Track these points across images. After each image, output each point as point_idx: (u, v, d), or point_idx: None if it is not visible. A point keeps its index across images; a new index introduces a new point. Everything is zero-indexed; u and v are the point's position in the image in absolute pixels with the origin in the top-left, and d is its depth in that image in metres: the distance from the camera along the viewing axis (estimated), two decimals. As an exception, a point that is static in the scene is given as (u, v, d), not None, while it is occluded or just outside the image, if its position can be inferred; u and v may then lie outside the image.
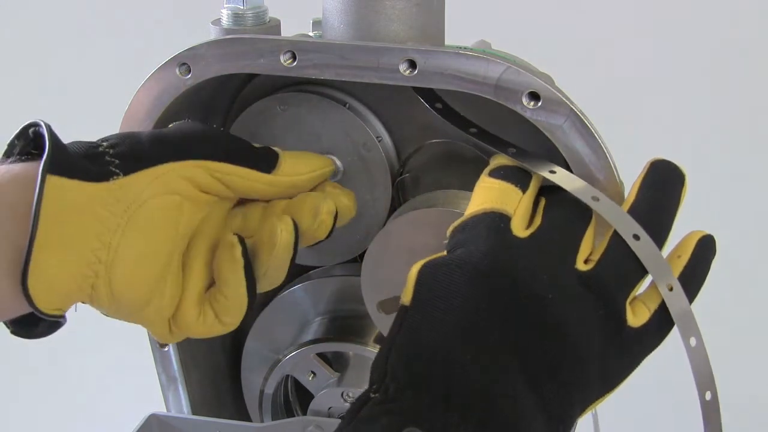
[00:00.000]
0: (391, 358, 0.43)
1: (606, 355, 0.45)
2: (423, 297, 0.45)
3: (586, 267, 0.47)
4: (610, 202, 0.48)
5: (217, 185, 0.52)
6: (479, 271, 0.45)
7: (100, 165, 0.48)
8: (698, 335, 0.47)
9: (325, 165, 0.57)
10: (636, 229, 0.47)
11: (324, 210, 0.53)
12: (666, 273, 0.47)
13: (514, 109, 0.50)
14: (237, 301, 0.51)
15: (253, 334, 0.69)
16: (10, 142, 0.49)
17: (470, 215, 0.49)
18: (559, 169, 0.50)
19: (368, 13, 0.54)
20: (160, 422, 0.65)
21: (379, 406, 0.41)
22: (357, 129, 0.59)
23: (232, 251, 0.50)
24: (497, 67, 0.50)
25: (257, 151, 0.54)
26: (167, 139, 0.51)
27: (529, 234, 0.47)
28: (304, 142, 0.60)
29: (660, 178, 0.49)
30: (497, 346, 0.43)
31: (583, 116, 0.49)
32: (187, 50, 0.54)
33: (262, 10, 0.58)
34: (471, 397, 0.41)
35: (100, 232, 0.47)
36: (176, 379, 0.65)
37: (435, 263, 0.46)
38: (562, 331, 0.44)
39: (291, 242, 0.51)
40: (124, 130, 0.57)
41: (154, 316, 0.51)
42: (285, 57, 0.53)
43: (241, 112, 0.61)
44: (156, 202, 0.49)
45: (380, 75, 0.52)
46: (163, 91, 0.55)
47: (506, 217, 0.47)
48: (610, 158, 0.50)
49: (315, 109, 0.59)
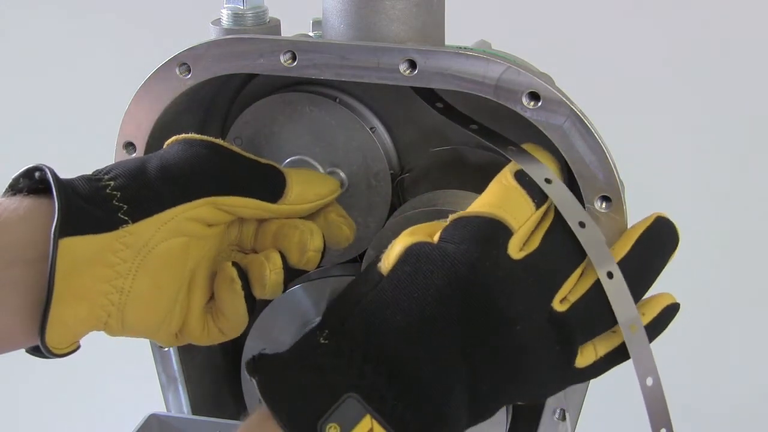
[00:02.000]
0: (353, 318, 0.45)
1: (545, 382, 0.48)
2: (401, 275, 0.46)
3: (561, 307, 0.47)
4: (595, 232, 0.48)
5: (223, 217, 0.53)
6: (463, 280, 0.45)
7: (107, 211, 0.48)
8: (655, 374, 0.48)
9: (331, 192, 0.57)
10: (613, 269, 0.47)
11: (311, 248, 0.55)
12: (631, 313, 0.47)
13: (514, 109, 0.50)
14: (238, 320, 0.54)
15: (253, 334, 0.68)
16: (14, 179, 0.49)
17: (475, 213, 0.48)
18: (555, 181, 0.49)
19: (368, 13, 0.54)
20: (160, 422, 0.65)
21: (328, 357, 0.44)
22: (376, 158, 0.59)
23: (232, 285, 0.52)
24: (497, 67, 0.50)
25: (264, 176, 0.54)
26: (175, 179, 0.51)
27: (521, 257, 0.47)
28: (318, 146, 0.60)
29: (659, 238, 0.49)
30: (453, 350, 0.45)
31: (583, 116, 0.49)
32: (187, 50, 0.54)
33: (262, 10, 0.58)
34: (414, 383, 0.43)
35: (111, 278, 0.49)
36: (176, 379, 0.65)
37: (424, 248, 0.47)
38: (518, 358, 0.46)
39: (280, 282, 0.54)
40: (124, 130, 0.57)
41: (163, 336, 0.53)
42: (285, 57, 0.53)
43: (241, 112, 0.61)
44: (165, 246, 0.50)
45: (380, 75, 0.51)
46: (163, 91, 0.55)
47: (508, 232, 0.47)
48: (610, 158, 0.50)
49: (344, 124, 0.59)
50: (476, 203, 0.49)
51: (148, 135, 0.56)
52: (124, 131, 0.57)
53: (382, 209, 0.61)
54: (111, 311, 0.49)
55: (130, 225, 0.49)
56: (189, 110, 0.59)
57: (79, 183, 0.49)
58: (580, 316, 0.47)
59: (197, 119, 0.61)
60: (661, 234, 0.49)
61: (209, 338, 0.54)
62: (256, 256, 0.54)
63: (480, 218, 0.48)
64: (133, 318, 0.50)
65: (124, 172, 0.50)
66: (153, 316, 0.51)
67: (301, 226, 0.55)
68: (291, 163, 0.61)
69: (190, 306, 0.53)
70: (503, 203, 0.48)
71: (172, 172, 0.51)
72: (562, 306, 0.47)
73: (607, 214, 0.50)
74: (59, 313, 0.47)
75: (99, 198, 0.48)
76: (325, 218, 0.57)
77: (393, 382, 0.43)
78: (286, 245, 0.54)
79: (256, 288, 0.53)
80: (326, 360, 0.44)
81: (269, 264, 0.53)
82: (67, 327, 0.48)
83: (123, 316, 0.50)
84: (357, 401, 0.42)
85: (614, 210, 0.50)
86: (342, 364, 0.43)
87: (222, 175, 0.52)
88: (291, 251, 0.54)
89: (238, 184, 0.52)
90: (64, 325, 0.47)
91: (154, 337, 0.53)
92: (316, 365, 0.44)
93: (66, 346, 0.49)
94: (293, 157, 0.61)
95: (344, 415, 0.42)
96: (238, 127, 0.61)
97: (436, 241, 0.47)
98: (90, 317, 0.49)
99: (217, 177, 0.52)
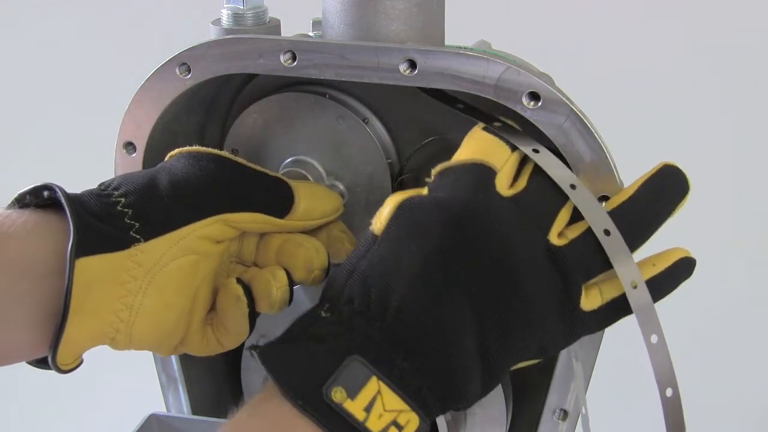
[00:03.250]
0: (351, 282, 0.44)
1: (551, 327, 0.46)
2: (396, 231, 0.46)
3: (559, 242, 0.47)
4: (586, 193, 0.48)
5: (231, 233, 0.53)
6: (458, 218, 0.45)
7: (119, 229, 0.48)
8: (660, 332, 0.47)
9: (336, 210, 0.58)
10: (608, 225, 0.47)
11: (317, 266, 0.55)
12: (632, 272, 0.47)
13: (514, 109, 0.50)
14: (239, 334, 0.54)
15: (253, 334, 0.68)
16: (21, 194, 0.49)
17: (458, 162, 0.49)
18: (542, 149, 0.50)
19: (368, 13, 0.54)
20: (160, 422, 0.65)
21: (329, 326, 0.43)
22: (377, 158, 0.60)
23: (237, 303, 0.52)
24: (497, 67, 0.50)
25: (273, 190, 0.54)
26: (186, 197, 0.51)
27: (511, 194, 0.47)
28: (319, 146, 0.60)
29: (665, 184, 0.49)
30: (457, 294, 0.44)
31: (583, 116, 0.49)
32: (187, 50, 0.54)
33: (262, 10, 0.58)
34: (421, 337, 0.42)
35: (122, 295, 0.49)
36: (176, 379, 0.66)
37: (416, 201, 0.47)
38: (520, 293, 0.45)
39: (286, 299, 0.54)
40: (124, 129, 0.57)
41: (165, 348, 0.53)
42: (285, 57, 0.53)
43: (241, 112, 0.61)
44: (176, 264, 0.50)
45: (380, 75, 0.52)
46: (163, 91, 0.55)
47: (492, 172, 0.48)
48: (610, 158, 0.50)
49: (344, 124, 0.59)
50: (457, 154, 0.50)
51: (148, 135, 0.56)
52: (124, 131, 0.57)
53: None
54: (119, 327, 0.49)
55: (141, 243, 0.49)
56: (189, 110, 0.59)
57: (88, 199, 0.49)
58: (577, 253, 0.47)
59: (197, 119, 0.62)
60: (668, 179, 0.49)
61: (208, 349, 0.54)
62: (262, 272, 0.54)
63: (463, 165, 0.49)
64: (140, 334, 0.50)
65: (133, 188, 0.50)
66: (160, 332, 0.51)
67: (306, 243, 0.55)
68: (291, 163, 0.61)
69: (191, 320, 0.53)
70: (480, 149, 0.49)
71: (183, 190, 0.51)
72: (560, 240, 0.47)
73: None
74: (71, 331, 0.47)
75: (110, 215, 0.48)
76: (328, 234, 0.57)
77: (398, 341, 0.42)
78: (292, 263, 0.54)
79: (263, 304, 0.53)
80: (328, 329, 0.43)
81: (275, 282, 0.53)
82: (76, 344, 0.48)
83: (131, 332, 0.50)
84: (362, 363, 0.41)
85: (614, 210, 0.50)
86: (344, 330, 0.43)
87: (232, 192, 0.52)
88: (297, 269, 0.54)
89: (248, 200, 0.52)
90: (73, 343, 0.48)
91: (157, 350, 0.53)
92: (318, 335, 0.43)
93: (72, 362, 0.49)
94: (293, 157, 0.61)
95: (349, 377, 0.41)
96: (239, 126, 0.61)
97: (425, 193, 0.48)
98: (99, 333, 0.49)
99: (228, 194, 0.52)
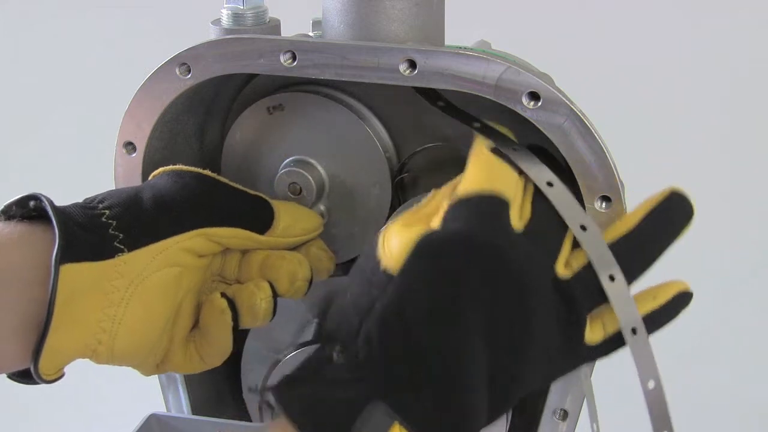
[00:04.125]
0: (368, 324, 0.42)
1: (556, 360, 0.46)
2: (413, 270, 0.44)
3: (565, 272, 0.46)
4: (597, 236, 0.47)
5: (214, 248, 0.53)
6: (476, 258, 0.44)
7: (104, 239, 0.49)
8: (657, 378, 0.47)
9: (316, 228, 0.58)
10: (614, 271, 0.46)
11: (301, 277, 0.55)
12: (633, 317, 0.47)
13: (514, 109, 0.50)
14: (222, 350, 0.54)
15: (253, 334, 0.69)
16: (7, 206, 0.49)
17: (470, 194, 0.47)
18: (557, 183, 0.48)
19: (368, 13, 0.54)
20: (160, 422, 0.64)
21: (346, 371, 0.42)
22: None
23: (222, 317, 0.52)
24: (497, 67, 0.50)
25: (254, 208, 0.55)
26: (169, 209, 0.51)
27: (523, 227, 0.47)
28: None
29: (671, 213, 0.48)
30: (477, 335, 0.43)
31: (583, 116, 0.49)
32: (187, 50, 0.54)
33: (262, 10, 0.58)
34: (442, 379, 0.42)
35: (105, 306, 0.49)
36: (176, 379, 0.65)
37: (434, 238, 0.45)
38: (531, 329, 0.44)
39: (270, 310, 0.54)
40: (124, 129, 0.57)
41: (148, 365, 0.53)
42: (285, 57, 0.53)
43: (241, 112, 0.61)
44: (158, 276, 0.50)
45: (380, 75, 0.51)
46: (163, 91, 0.55)
47: (505, 204, 0.47)
48: (610, 158, 0.50)
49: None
50: (467, 181, 0.48)
51: (148, 135, 0.56)
52: (124, 131, 0.57)
53: (382, 209, 0.61)
54: (102, 339, 0.49)
55: (125, 254, 0.49)
56: (189, 110, 0.59)
57: (73, 210, 0.49)
58: (583, 283, 0.46)
59: (197, 119, 0.61)
60: (675, 208, 0.48)
61: (191, 367, 0.54)
62: (246, 285, 0.54)
63: (479, 197, 0.47)
64: (122, 346, 0.50)
65: (118, 201, 0.50)
66: (142, 346, 0.51)
67: (289, 256, 0.55)
68: (291, 162, 0.61)
69: (173, 335, 0.53)
70: (493, 177, 0.48)
71: (166, 203, 0.51)
72: (566, 271, 0.47)
73: (607, 214, 0.50)
74: (54, 339, 0.47)
75: (95, 226, 0.49)
76: (307, 252, 0.58)
77: (418, 384, 0.42)
78: (275, 275, 0.55)
79: (246, 316, 0.53)
80: (345, 374, 0.42)
81: (260, 293, 0.53)
82: (58, 354, 0.48)
83: (113, 344, 0.50)
84: (384, 411, 0.41)
85: (614, 210, 0.50)
86: (363, 374, 0.42)
87: (214, 207, 0.53)
88: (280, 281, 0.55)
89: (229, 215, 0.53)
90: (56, 352, 0.47)
91: (139, 366, 0.53)
92: (335, 380, 0.42)
93: (54, 373, 0.49)
94: (293, 157, 0.61)
95: (372, 425, 0.41)
96: (239, 126, 0.61)
97: (439, 227, 0.46)
98: (81, 344, 0.49)
99: (209, 208, 0.52)
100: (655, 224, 0.48)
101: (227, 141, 0.62)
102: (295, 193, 0.60)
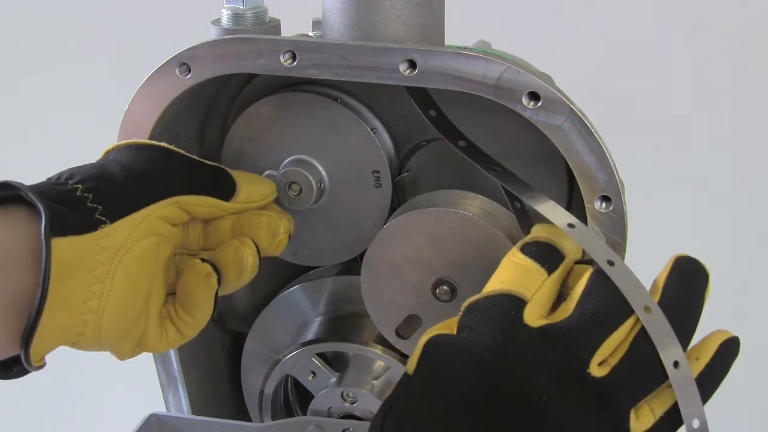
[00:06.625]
0: (386, 424, 0.43)
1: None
2: (425, 371, 0.44)
3: (600, 372, 0.44)
4: (626, 270, 0.45)
5: (184, 216, 0.53)
6: (480, 362, 0.43)
7: (83, 212, 0.47)
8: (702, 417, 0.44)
9: (273, 192, 0.59)
10: (648, 301, 0.44)
11: (282, 230, 0.56)
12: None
13: (514, 109, 0.50)
14: (203, 320, 0.53)
15: (253, 334, 0.69)
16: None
17: (486, 294, 0.46)
18: (578, 224, 0.47)
19: (368, 13, 0.54)
20: (160, 422, 0.65)
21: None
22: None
23: (208, 280, 0.52)
24: (497, 67, 0.50)
25: (216, 176, 0.55)
26: (141, 180, 0.51)
27: (540, 325, 0.45)
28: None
29: (685, 276, 0.46)
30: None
31: (583, 116, 0.49)
32: (187, 50, 0.54)
33: (262, 10, 0.58)
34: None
35: (90, 283, 0.47)
36: (176, 379, 0.65)
37: (440, 341, 0.45)
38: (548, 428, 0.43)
39: (257, 264, 0.54)
40: (125, 129, 0.57)
41: (127, 345, 0.52)
42: (285, 57, 0.53)
43: (241, 111, 0.61)
44: (140, 246, 0.49)
45: (380, 75, 0.51)
46: (163, 91, 0.55)
47: (521, 302, 0.45)
48: (610, 158, 0.50)
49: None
50: (489, 284, 0.48)
51: (148, 135, 0.56)
52: (124, 131, 0.57)
53: (382, 209, 0.61)
54: (88, 320, 0.47)
55: (108, 225, 0.48)
56: (189, 110, 0.59)
57: (45, 188, 0.48)
58: (623, 379, 0.44)
59: (197, 119, 0.62)
60: (685, 271, 0.47)
61: (167, 343, 0.53)
62: (228, 243, 0.54)
63: (490, 297, 0.46)
64: (109, 325, 0.48)
65: (88, 176, 0.49)
66: (126, 322, 0.50)
67: (266, 212, 0.56)
68: (291, 162, 0.61)
69: (148, 312, 0.52)
70: (512, 277, 0.47)
71: (136, 174, 0.51)
72: (602, 370, 0.44)
73: (607, 214, 0.50)
74: (45, 322, 0.45)
75: (71, 200, 0.47)
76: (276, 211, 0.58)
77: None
78: (254, 231, 0.55)
79: (232, 275, 0.53)
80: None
81: (245, 248, 0.53)
82: (46, 338, 0.46)
83: (100, 323, 0.48)
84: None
85: (614, 210, 0.50)
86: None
87: (181, 176, 0.53)
88: (261, 236, 0.55)
89: (195, 184, 0.53)
90: (44, 336, 0.46)
91: (119, 347, 0.51)
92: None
93: (38, 360, 0.47)
94: (293, 157, 0.61)
95: None
96: (239, 126, 0.61)
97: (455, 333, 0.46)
98: (67, 328, 0.47)
99: (177, 178, 0.52)
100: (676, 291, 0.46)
101: (227, 141, 0.62)
102: (295, 192, 0.60)
